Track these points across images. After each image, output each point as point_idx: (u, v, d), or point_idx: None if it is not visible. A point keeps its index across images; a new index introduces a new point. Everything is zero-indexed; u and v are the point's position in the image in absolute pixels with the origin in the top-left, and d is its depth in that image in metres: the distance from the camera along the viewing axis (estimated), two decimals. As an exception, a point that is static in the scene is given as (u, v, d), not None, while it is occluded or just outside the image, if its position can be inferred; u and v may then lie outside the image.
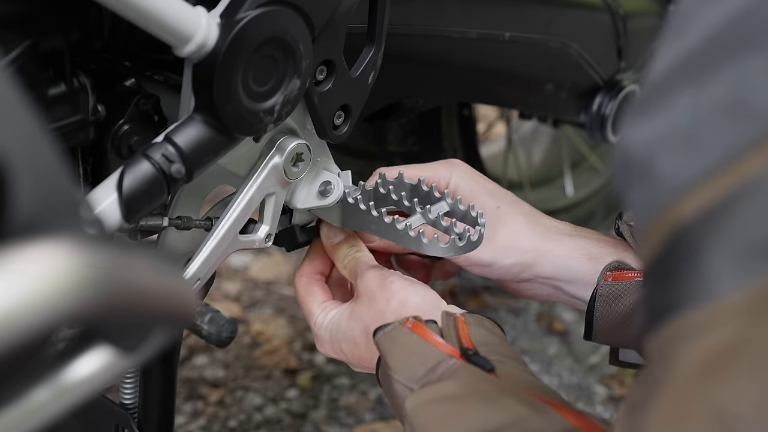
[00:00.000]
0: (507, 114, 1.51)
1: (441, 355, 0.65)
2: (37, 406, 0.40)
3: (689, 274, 0.36)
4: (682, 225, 0.36)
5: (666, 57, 0.39)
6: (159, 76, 0.71)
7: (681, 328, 0.36)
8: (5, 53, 0.56)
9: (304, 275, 0.83)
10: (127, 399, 0.80)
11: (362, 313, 0.74)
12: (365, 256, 0.80)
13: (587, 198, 1.55)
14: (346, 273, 0.80)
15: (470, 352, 0.65)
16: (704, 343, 0.34)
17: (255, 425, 1.28)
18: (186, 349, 1.40)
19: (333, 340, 0.77)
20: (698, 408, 0.33)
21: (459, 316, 0.70)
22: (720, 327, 0.34)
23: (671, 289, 0.36)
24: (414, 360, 0.66)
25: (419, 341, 0.67)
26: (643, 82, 0.41)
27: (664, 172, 0.37)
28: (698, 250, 0.35)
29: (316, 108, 0.72)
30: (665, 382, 0.36)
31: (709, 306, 0.34)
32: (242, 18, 0.60)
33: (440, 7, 0.86)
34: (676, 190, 0.37)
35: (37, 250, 0.34)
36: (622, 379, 1.37)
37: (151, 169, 0.61)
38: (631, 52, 1.15)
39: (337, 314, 0.78)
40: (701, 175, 0.36)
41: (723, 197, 0.35)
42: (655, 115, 0.38)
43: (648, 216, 0.38)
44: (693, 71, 0.37)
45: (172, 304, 0.41)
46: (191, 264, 0.70)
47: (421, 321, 0.69)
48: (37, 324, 0.33)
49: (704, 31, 0.38)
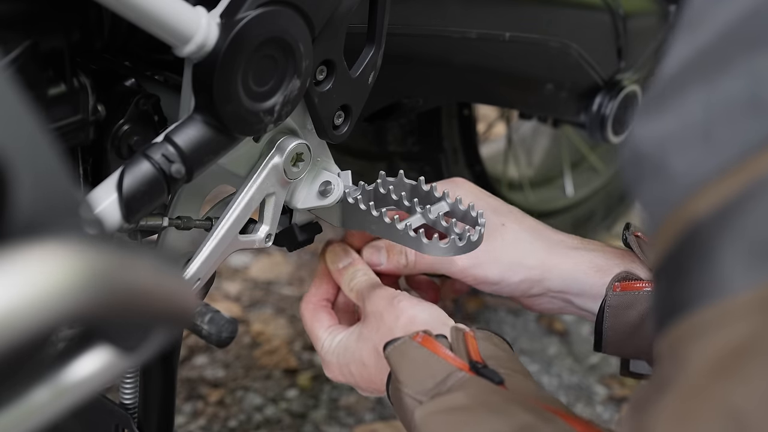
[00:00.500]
0: (507, 114, 1.51)
1: (450, 368, 0.66)
2: (37, 406, 0.40)
3: (702, 271, 0.35)
4: (696, 222, 0.36)
5: (679, 53, 0.39)
6: (159, 76, 0.71)
7: (693, 326, 0.35)
8: (5, 53, 0.56)
9: (310, 302, 0.83)
10: (127, 399, 0.79)
11: (370, 333, 0.75)
12: (371, 278, 0.81)
13: (587, 198, 1.55)
14: (352, 296, 0.81)
15: (479, 365, 0.66)
16: (716, 341, 0.34)
17: (255, 425, 1.28)
18: (186, 349, 1.40)
19: (341, 363, 0.77)
20: (710, 406, 0.33)
21: (468, 332, 0.71)
22: (732, 325, 0.34)
23: (683, 287, 0.36)
24: (423, 373, 0.66)
25: (429, 355, 0.67)
26: (654, 78, 0.40)
27: (677, 168, 0.37)
28: (711, 248, 0.35)
29: (316, 108, 0.72)
30: (676, 381, 0.35)
31: (721, 304, 0.34)
32: (242, 18, 0.60)
33: (440, 7, 0.86)
34: (689, 186, 0.36)
35: (37, 250, 0.34)
36: (622, 379, 1.37)
37: (151, 169, 0.61)
38: (631, 52, 1.15)
39: (345, 337, 0.78)
40: (715, 172, 0.35)
41: (737, 194, 0.34)
42: (668, 111, 0.38)
43: (660, 213, 0.38)
44: (706, 67, 0.37)
45: (172, 304, 0.41)
46: (191, 264, 0.70)
47: (430, 335, 0.69)
48: (37, 324, 0.33)
49: (718, 27, 0.37)
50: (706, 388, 0.34)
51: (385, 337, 0.72)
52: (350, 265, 0.83)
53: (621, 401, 1.34)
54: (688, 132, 0.37)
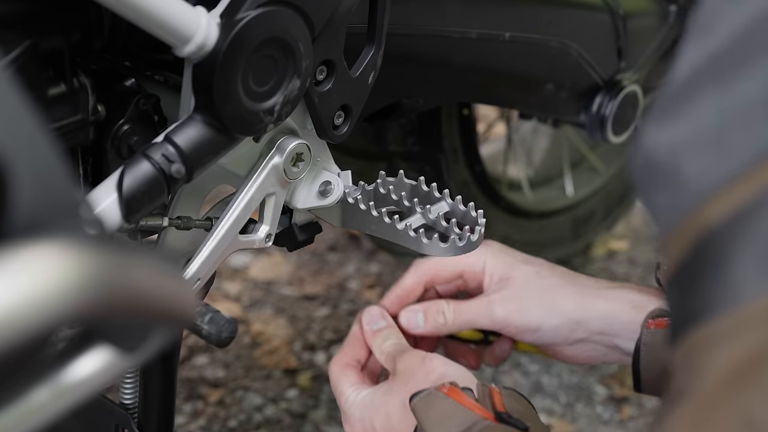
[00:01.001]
0: (507, 114, 1.51)
1: (476, 417, 0.67)
2: (37, 406, 0.40)
3: (715, 280, 0.34)
4: (709, 230, 0.35)
5: (690, 57, 0.38)
6: (159, 76, 0.71)
7: (707, 336, 0.34)
8: (5, 53, 0.56)
9: (339, 361, 0.84)
10: (127, 399, 0.79)
11: (399, 387, 0.75)
12: (403, 343, 0.82)
13: (587, 198, 1.55)
14: (383, 359, 0.81)
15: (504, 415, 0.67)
16: (731, 350, 0.33)
17: (255, 425, 1.28)
18: (186, 349, 1.40)
19: (363, 417, 0.77)
20: (725, 416, 0.32)
21: (494, 387, 0.72)
22: (747, 333, 0.33)
23: (697, 296, 0.35)
24: (449, 423, 0.67)
25: (455, 405, 0.68)
26: (664, 85, 0.40)
27: (690, 175, 0.36)
28: (725, 255, 0.34)
29: (316, 108, 0.72)
30: (691, 391, 0.34)
31: (735, 312, 0.33)
32: (242, 18, 0.60)
33: (440, 7, 0.86)
34: (702, 193, 0.35)
35: (37, 250, 0.34)
36: (622, 379, 1.37)
37: (151, 169, 0.61)
38: (631, 52, 1.15)
39: (370, 392, 0.78)
40: (728, 178, 0.34)
41: (750, 200, 0.34)
42: (680, 117, 0.37)
43: (673, 221, 0.37)
44: (719, 71, 0.36)
45: (172, 304, 0.41)
46: (191, 264, 0.70)
47: (457, 386, 0.70)
48: (37, 324, 0.33)
49: (730, 31, 0.36)
50: (722, 397, 0.33)
51: (413, 390, 0.72)
52: (384, 328, 0.83)
53: (621, 401, 1.34)
54: (700, 138, 0.36)
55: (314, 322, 1.48)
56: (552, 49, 1.02)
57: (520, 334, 0.84)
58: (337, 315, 1.49)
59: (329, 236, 1.64)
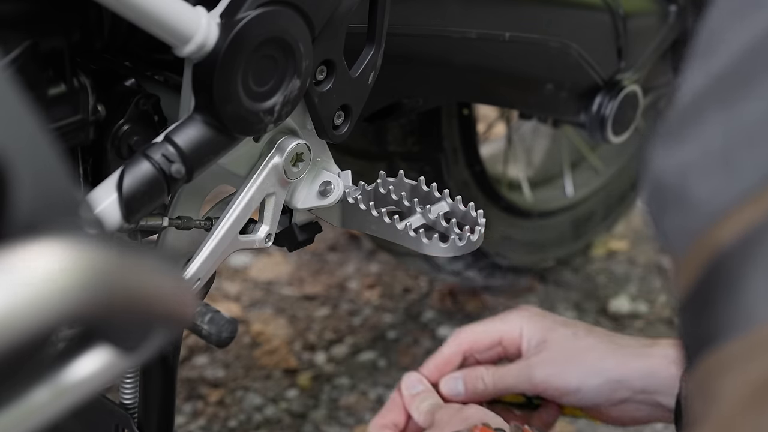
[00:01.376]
0: (507, 114, 1.51)
1: None
2: (37, 406, 0.40)
3: (728, 302, 0.34)
4: (720, 251, 0.34)
5: (695, 79, 0.38)
6: (159, 76, 0.71)
7: (721, 360, 0.34)
8: (5, 53, 0.56)
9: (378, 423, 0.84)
10: (127, 399, 0.79)
11: None
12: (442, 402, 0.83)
13: (587, 198, 1.55)
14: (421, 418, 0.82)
15: None
16: (746, 373, 0.32)
17: (255, 425, 1.28)
18: (186, 349, 1.40)
19: None
20: None
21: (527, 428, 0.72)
22: (762, 356, 0.32)
23: (710, 320, 0.35)
24: None
25: None
26: (670, 109, 0.39)
27: (700, 197, 0.35)
28: (737, 277, 0.33)
29: (316, 108, 0.72)
30: (707, 417, 0.34)
31: (749, 335, 0.33)
32: (242, 18, 0.60)
33: (440, 7, 0.86)
34: (712, 215, 0.35)
35: (37, 249, 0.34)
36: None
37: (151, 169, 0.61)
38: (631, 52, 1.15)
39: None
40: (738, 199, 0.34)
41: (761, 221, 0.33)
42: (686, 139, 0.36)
43: (684, 244, 0.36)
44: (725, 92, 0.36)
45: (172, 304, 0.41)
46: (191, 264, 0.70)
47: (489, 427, 0.71)
48: (37, 324, 0.33)
49: (733, 51, 0.36)
50: (739, 422, 0.32)
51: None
52: (422, 392, 0.84)
53: (621, 401, 1.33)
54: (708, 159, 0.35)
55: (314, 322, 1.48)
56: (552, 49, 1.02)
57: (562, 396, 0.84)
58: (337, 315, 1.49)
59: (329, 236, 1.64)
